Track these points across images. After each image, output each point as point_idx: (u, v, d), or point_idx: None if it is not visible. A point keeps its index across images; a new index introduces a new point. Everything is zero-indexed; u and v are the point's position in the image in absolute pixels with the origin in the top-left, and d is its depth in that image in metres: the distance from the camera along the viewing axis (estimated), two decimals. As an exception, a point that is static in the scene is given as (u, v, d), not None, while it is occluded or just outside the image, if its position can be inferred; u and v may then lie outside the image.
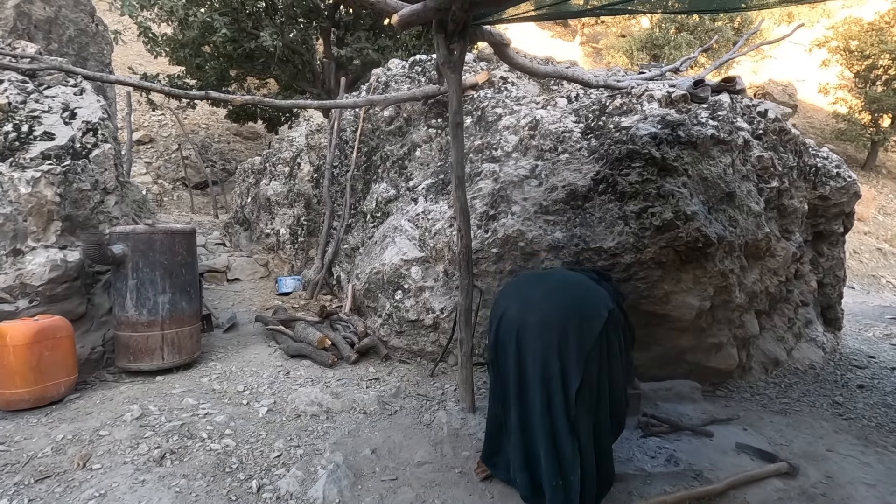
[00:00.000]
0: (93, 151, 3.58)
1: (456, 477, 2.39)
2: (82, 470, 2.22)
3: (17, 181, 3.14)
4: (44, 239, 3.16)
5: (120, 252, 3.15)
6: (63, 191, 3.30)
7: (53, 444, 2.39)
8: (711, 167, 3.28)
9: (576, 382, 1.98)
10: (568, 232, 3.18)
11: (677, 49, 15.69)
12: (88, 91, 3.92)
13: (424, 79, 5.21)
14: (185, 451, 2.40)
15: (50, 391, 2.76)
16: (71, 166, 3.39)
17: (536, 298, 2.16)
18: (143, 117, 12.80)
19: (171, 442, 2.46)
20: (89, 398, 2.91)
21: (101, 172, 3.60)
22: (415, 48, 8.76)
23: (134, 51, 14.74)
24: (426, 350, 3.70)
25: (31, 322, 2.75)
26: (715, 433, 2.76)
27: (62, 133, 3.50)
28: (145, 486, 2.13)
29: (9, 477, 2.14)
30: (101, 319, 3.43)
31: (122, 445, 2.40)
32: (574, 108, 3.88)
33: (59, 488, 2.09)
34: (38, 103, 3.62)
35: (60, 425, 2.57)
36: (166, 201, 10.43)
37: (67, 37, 4.88)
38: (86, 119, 3.65)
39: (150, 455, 2.34)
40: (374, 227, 4.81)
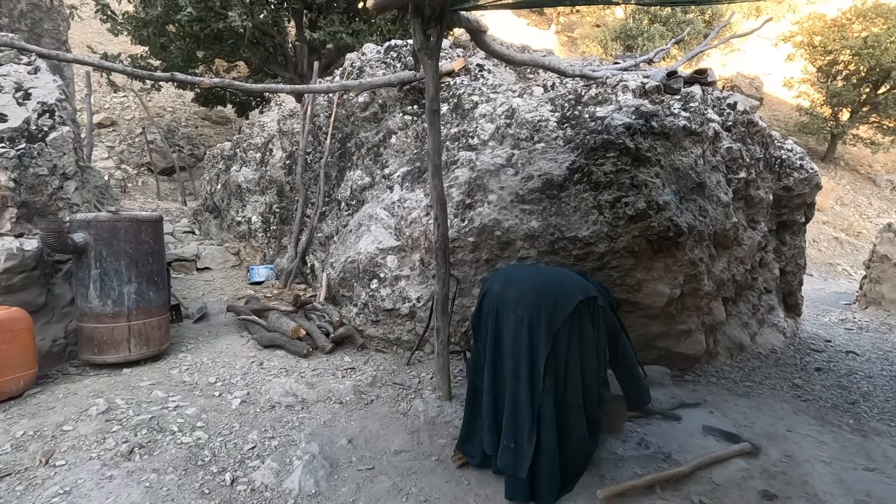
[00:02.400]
0: (50, 134, 3.40)
1: (433, 465, 2.40)
2: (45, 467, 2.14)
3: (-33, 165, 2.96)
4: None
5: (81, 241, 3.02)
6: (18, 176, 3.13)
7: (13, 441, 2.29)
8: (683, 158, 3.34)
9: (543, 355, 2.10)
10: (544, 221, 3.20)
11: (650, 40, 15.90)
12: (44, 70, 3.71)
13: (400, 64, 5.13)
14: (154, 445, 2.34)
15: (8, 386, 2.64)
16: (26, 150, 3.22)
17: (519, 279, 2.34)
18: (104, 99, 12.23)
19: (140, 436, 2.39)
20: (51, 392, 2.80)
21: (59, 157, 3.42)
22: (390, 33, 8.59)
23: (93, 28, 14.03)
24: (402, 339, 3.70)
25: (-14, 314, 2.61)
26: (683, 416, 2.85)
27: (15, 114, 3.31)
28: (113, 481, 2.07)
29: (-36, 476, 2.05)
30: (63, 311, 3.29)
31: (87, 440, 2.32)
32: (550, 97, 3.89)
33: (20, 486, 2.01)
34: (-12, 82, 3.41)
35: (20, 421, 2.46)
36: (130, 187, 10.04)
37: (19, 11, 4.59)
38: (41, 100, 3.46)
39: (118, 450, 2.27)
40: (349, 215, 4.75)
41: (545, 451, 2.11)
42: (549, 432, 2.11)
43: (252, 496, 2.08)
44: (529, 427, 2.11)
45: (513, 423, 2.15)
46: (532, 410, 2.12)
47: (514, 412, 2.15)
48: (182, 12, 7.38)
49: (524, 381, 2.14)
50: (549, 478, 2.12)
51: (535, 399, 2.12)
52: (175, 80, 3.67)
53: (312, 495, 2.11)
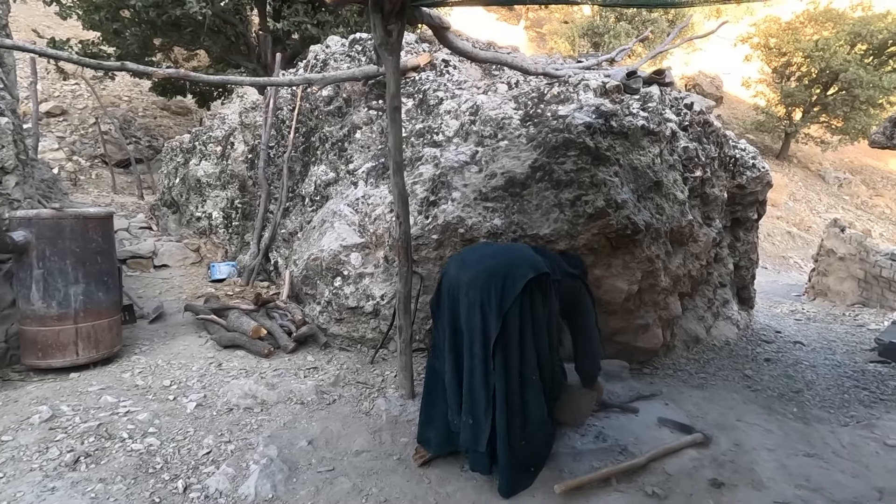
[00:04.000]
0: (-14, 126, 3.19)
1: (394, 464, 2.40)
2: (-19, 480, 2.03)
3: None
4: (-73, 224, 2.80)
5: (22, 239, 2.85)
6: (-50, 170, 2.93)
7: (-55, 454, 2.16)
8: (641, 157, 3.42)
9: (493, 336, 2.16)
10: (507, 219, 3.22)
11: (616, 38, 16.20)
12: (-21, 57, 3.47)
13: (365, 58, 5.05)
14: (102, 454, 2.25)
15: (-60, 395, 2.48)
16: (-41, 142, 3.01)
17: (472, 261, 2.40)
18: (54, 87, 11.60)
19: (87, 444, 2.29)
20: (-10, 400, 2.65)
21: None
22: (356, 25, 8.45)
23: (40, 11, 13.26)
24: (367, 337, 3.67)
25: (-86, 319, 2.44)
26: (640, 409, 2.94)
27: (-53, 104, 3.10)
28: (55, 493, 1.98)
29: None
30: (3, 313, 3.12)
31: (28, 451, 2.21)
32: (514, 95, 3.90)
33: (-48, 502, 1.90)
34: (-84, 68, 3.17)
35: (-46, 432, 2.33)
36: (83, 180, 9.58)
37: (-48, -8, 4.28)
38: (-24, 89, 3.24)
39: (62, 459, 2.17)
40: (313, 211, 4.66)
41: (498, 431, 2.16)
42: (501, 413, 2.16)
43: (205, 503, 2.02)
44: (486, 405, 2.18)
45: (470, 400, 2.22)
46: (487, 390, 2.18)
47: (471, 391, 2.22)
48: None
49: (479, 361, 2.21)
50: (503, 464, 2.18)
51: (489, 379, 2.18)
52: (126, 70, 3.50)
53: (269, 500, 2.07)
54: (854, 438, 2.84)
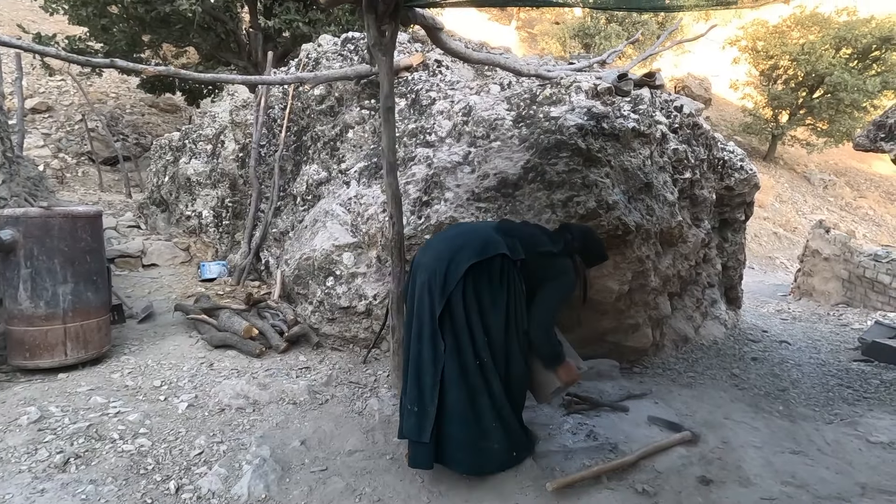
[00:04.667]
0: (-28, 123, 3.14)
1: (387, 463, 2.41)
2: (-32, 482, 2.00)
3: None
4: (-89, 223, 2.76)
5: (9, 238, 2.82)
6: (-66, 167, 2.88)
7: (-69, 456, 2.13)
8: (632, 159, 3.46)
9: (436, 314, 2.16)
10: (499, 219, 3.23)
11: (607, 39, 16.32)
12: (-36, 52, 3.41)
13: (357, 57, 5.04)
14: (92, 455, 2.23)
15: (-75, 396, 2.44)
16: (-56, 139, 2.96)
17: (433, 243, 2.43)
18: (39, 82, 11.40)
19: (77, 445, 2.27)
20: (-24, 401, 2.61)
21: (-17, 147, 3.18)
22: (348, 23, 8.42)
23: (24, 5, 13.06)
24: (359, 337, 3.67)
25: None
26: (630, 408, 2.98)
27: (-69, 100, 3.04)
28: (45, 495, 1.96)
29: None
30: (-11, 313, 3.07)
31: (16, 452, 2.19)
32: (507, 96, 3.92)
33: (-62, 505, 1.88)
34: None
35: (-60, 434, 2.29)
36: (69, 177, 9.43)
37: (-65, -14, 4.19)
38: (-39, 85, 3.18)
39: (52, 461, 2.15)
40: (305, 210, 4.64)
41: (454, 414, 2.13)
42: (457, 394, 2.12)
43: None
44: (431, 390, 2.14)
45: (416, 387, 2.19)
46: (435, 373, 2.15)
47: (417, 376, 2.19)
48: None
49: (427, 344, 2.18)
50: (461, 443, 2.15)
51: (437, 361, 2.15)
52: (116, 67, 3.46)
53: (262, 500, 2.07)
54: (838, 436, 2.90)
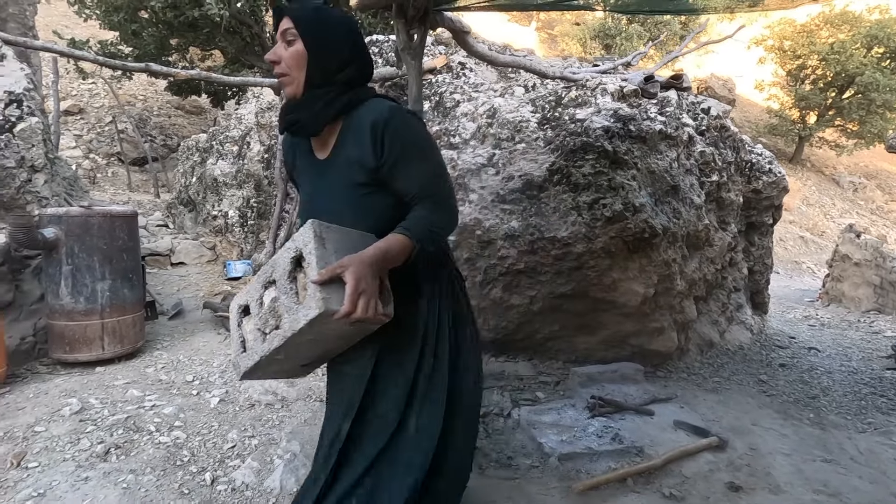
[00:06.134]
0: (17, 125, 3.28)
1: (413, 461, 2.44)
2: (17, 469, 2.09)
3: (-72, 156, 2.84)
4: (-38, 221, 2.89)
5: (52, 236, 2.93)
6: (-17, 168, 3.01)
7: (-19, 443, 2.23)
8: (659, 161, 3.44)
9: None
10: (524, 221, 3.25)
11: (628, 40, 16.16)
12: (10, 58, 3.57)
13: (381, 60, 5.10)
14: (131, 446, 2.31)
15: (-25, 386, 2.56)
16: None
17: None
18: (72, 85, 11.80)
19: (116, 436, 2.35)
20: (21, 392, 2.72)
21: (27, 149, 3.31)
22: (370, 26, 8.52)
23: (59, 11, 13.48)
24: (383, 336, 3.71)
25: (-49, 312, 2.52)
26: (655, 412, 2.96)
27: (-20, 104, 3.18)
28: (88, 483, 2.04)
29: (-70, 480, 1.99)
30: (32, 308, 3.20)
31: (60, 441, 2.28)
32: (531, 98, 3.93)
33: (-10, 490, 1.97)
34: (-50, 69, 3.27)
35: (-11, 422, 2.40)
36: (100, 178, 9.74)
37: (-18, -6, 4.39)
38: (8, 89, 3.33)
39: (93, 450, 2.23)
40: (330, 211, 4.72)
41: None
42: None
43: (233, 496, 2.08)
44: None
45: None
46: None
47: None
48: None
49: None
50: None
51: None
52: (150, 71, 3.58)
53: (294, 494, 2.12)
54: (872, 445, 2.84)
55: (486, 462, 2.45)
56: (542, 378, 3.39)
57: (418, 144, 1.32)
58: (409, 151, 1.29)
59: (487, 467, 2.41)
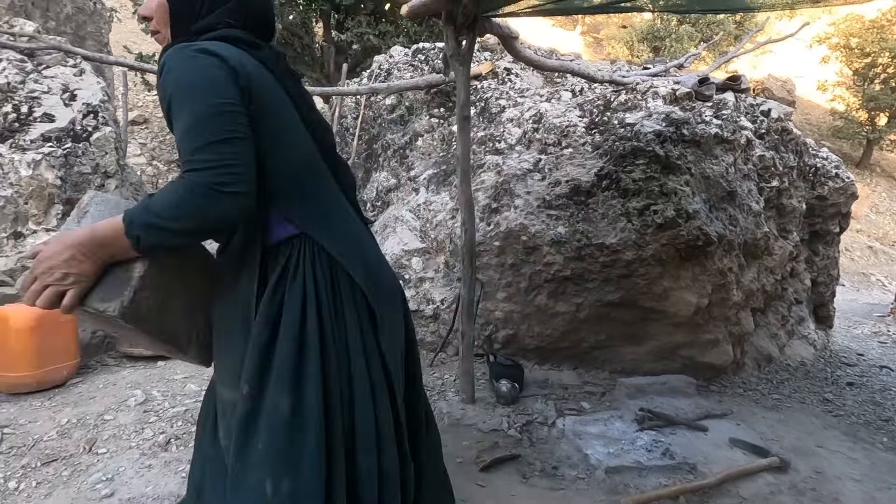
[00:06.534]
0: (93, 134, 3.54)
1: (456, 466, 2.43)
2: (88, 454, 2.25)
3: (18, 163, 3.11)
4: (45, 222, 3.14)
5: (122, 237, 3.14)
6: (64, 174, 3.27)
7: (59, 428, 2.41)
8: (714, 166, 3.30)
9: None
10: (571, 227, 3.20)
11: (678, 41, 15.65)
12: (88, 72, 3.86)
13: (427, 67, 5.18)
14: (189, 437, 2.42)
15: (53, 375, 2.77)
16: (72, 149, 3.36)
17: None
18: (138, 97, 12.60)
19: (176, 427, 2.48)
20: (92, 382, 2.92)
21: (101, 156, 3.57)
22: (416, 34, 8.67)
23: (128, 28, 14.46)
24: (426, 340, 3.74)
25: (34, 306, 2.74)
26: (709, 428, 2.82)
27: (62, 115, 3.46)
28: (151, 470, 2.16)
29: (15, 460, 2.17)
30: (102, 304, 3.43)
31: (127, 430, 2.43)
32: (579, 103, 3.88)
33: (66, 471, 2.12)
34: (38, 84, 3.57)
35: (64, 409, 2.58)
36: (161, 183, 10.33)
37: (65, 14, 4.79)
38: (86, 101, 3.60)
39: (156, 440, 2.36)
40: (374, 215, 4.81)
41: None
42: None
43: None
44: None
45: None
46: None
47: None
48: (215, 14, 7.57)
49: None
50: None
51: None
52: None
53: (340, 492, 2.16)
54: (955, 475, 2.60)
55: (531, 471, 2.41)
56: (588, 388, 3.32)
57: (178, 92, 1.01)
58: (173, 104, 1.01)
59: (531, 476, 2.38)
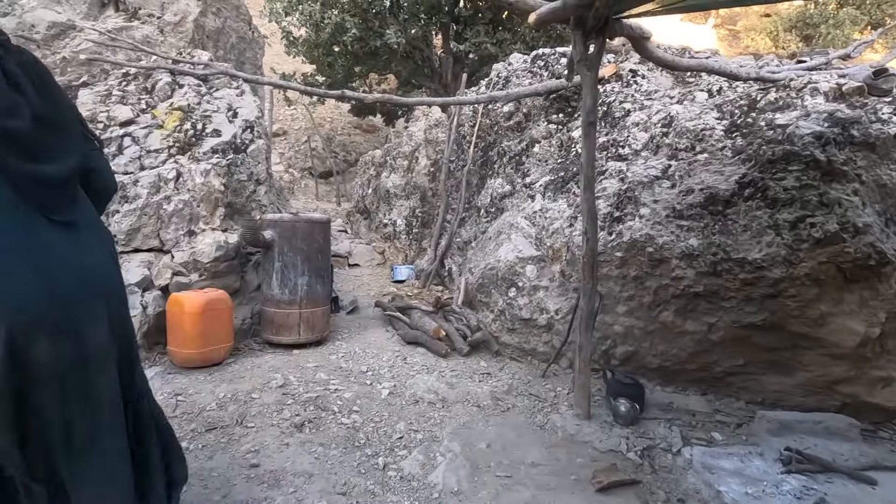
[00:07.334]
0: (250, 146, 4.06)
1: (571, 483, 2.35)
2: (240, 426, 2.57)
3: (194, 172, 3.67)
4: (211, 223, 3.67)
5: (270, 237, 3.55)
6: (227, 181, 3.79)
7: (217, 401, 2.79)
8: (893, 172, 2.80)
9: None
10: (705, 239, 2.93)
11: (838, 27, 13.58)
12: (247, 92, 4.44)
13: (547, 73, 5.11)
14: (320, 422, 2.66)
15: (213, 354, 3.22)
16: (233, 160, 3.89)
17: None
18: (279, 112, 14.18)
19: (308, 411, 2.74)
20: (241, 364, 3.34)
21: (255, 165, 4.07)
22: (533, 40, 8.61)
23: (273, 52, 16.36)
24: (538, 350, 3.68)
25: (202, 293, 3.21)
26: (879, 481, 2.39)
27: (227, 130, 4.02)
28: (289, 448, 2.40)
29: (186, 423, 2.55)
30: (250, 295, 3.91)
31: (269, 409, 2.73)
32: (717, 103, 3.54)
33: (223, 439, 2.45)
34: (209, 104, 4.19)
35: (221, 385, 2.99)
36: (295, 189, 11.50)
37: (230, 44, 5.57)
38: (245, 118, 4.15)
39: (292, 421, 2.63)
40: (488, 222, 4.86)
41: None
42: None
43: (401, 483, 2.25)
44: None
45: None
46: None
47: None
48: (347, 34, 8.26)
49: None
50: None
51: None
52: (345, 97, 4.13)
53: (455, 493, 2.21)
54: None
55: (653, 500, 2.25)
56: (720, 417, 3.00)
57: None
58: None
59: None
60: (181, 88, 4.28)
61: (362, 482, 2.22)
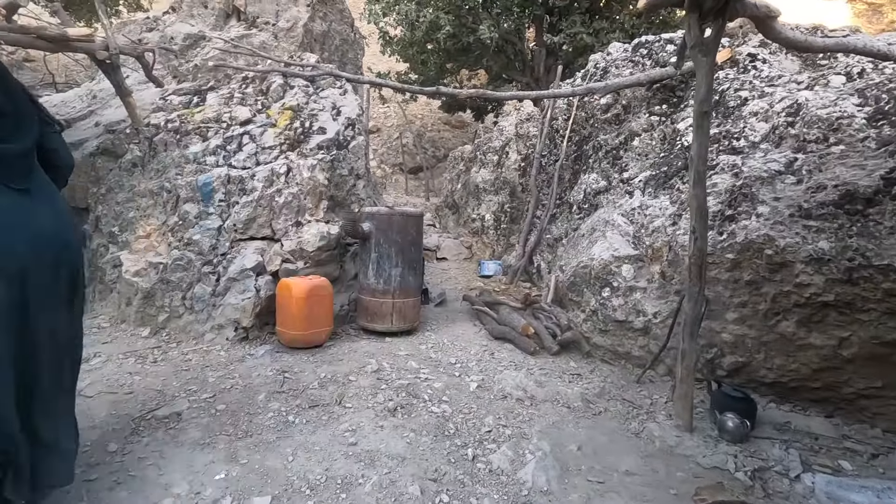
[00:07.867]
0: (351, 143, 4.29)
1: (670, 498, 2.22)
2: (339, 406, 2.73)
3: (301, 167, 3.95)
4: (315, 214, 3.93)
5: (367, 229, 3.73)
6: (330, 176, 4.04)
7: (318, 381, 2.99)
8: None
9: None
10: (838, 242, 2.59)
11: None
12: (349, 91, 4.68)
13: (650, 62, 4.81)
14: (411, 408, 2.75)
15: (315, 337, 3.46)
16: (336, 155, 4.13)
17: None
18: (373, 109, 14.79)
19: (401, 397, 2.84)
20: (339, 347, 3.55)
21: (355, 160, 4.29)
22: (633, 28, 8.14)
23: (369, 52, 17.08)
24: (632, 354, 3.50)
25: (307, 280, 3.46)
26: None
27: (331, 128, 4.27)
28: (383, 431, 2.51)
29: (292, 399, 2.77)
30: (348, 283, 4.14)
31: (365, 392, 2.87)
32: (858, 88, 3.11)
33: (324, 416, 2.62)
34: (316, 103, 4.48)
35: (322, 366, 3.20)
36: (386, 184, 11.96)
37: (334, 46, 5.92)
38: (347, 115, 4.38)
39: (386, 405, 2.74)
40: (581, 218, 4.70)
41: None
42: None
43: (490, 476, 2.26)
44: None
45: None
46: None
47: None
48: (441, 31, 8.38)
49: None
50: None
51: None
52: (440, 94, 4.21)
53: (544, 492, 2.18)
54: None
55: (766, 527, 2.05)
56: (849, 444, 2.65)
57: None
58: None
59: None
60: (292, 89, 4.62)
61: (452, 471, 2.26)
